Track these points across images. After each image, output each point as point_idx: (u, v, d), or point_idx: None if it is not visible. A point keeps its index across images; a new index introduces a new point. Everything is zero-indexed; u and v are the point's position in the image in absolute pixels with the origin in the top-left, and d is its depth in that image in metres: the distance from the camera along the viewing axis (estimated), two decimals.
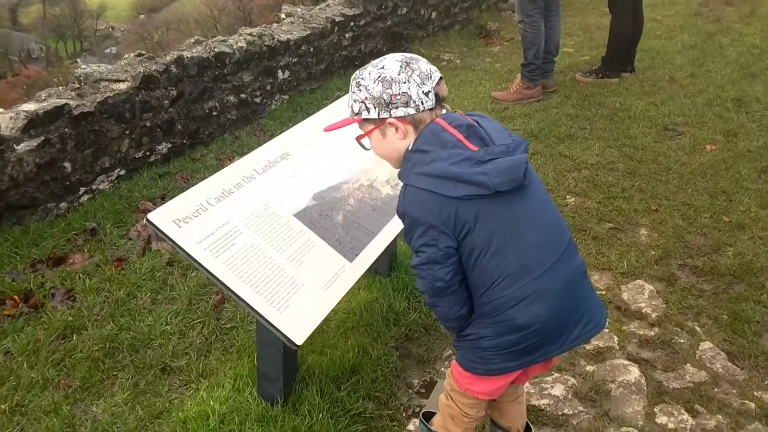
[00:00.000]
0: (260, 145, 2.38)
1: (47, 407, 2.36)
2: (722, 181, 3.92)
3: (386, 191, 2.49)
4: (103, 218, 3.52)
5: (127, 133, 3.88)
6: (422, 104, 1.65)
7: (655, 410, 2.38)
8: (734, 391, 2.47)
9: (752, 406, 2.38)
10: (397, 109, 1.65)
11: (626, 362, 2.60)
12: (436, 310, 1.76)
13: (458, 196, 1.57)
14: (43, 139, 3.35)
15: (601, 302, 1.80)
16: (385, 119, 1.67)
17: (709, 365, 2.59)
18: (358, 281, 2.25)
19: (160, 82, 4.03)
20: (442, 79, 1.70)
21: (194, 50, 4.42)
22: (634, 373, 2.54)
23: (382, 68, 1.66)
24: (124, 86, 3.83)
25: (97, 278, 3.06)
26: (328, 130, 1.89)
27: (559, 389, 2.47)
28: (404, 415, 2.38)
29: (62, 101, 3.47)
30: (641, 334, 2.76)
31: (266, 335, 2.06)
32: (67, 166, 3.53)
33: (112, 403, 2.39)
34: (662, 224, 3.52)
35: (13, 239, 3.23)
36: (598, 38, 6.83)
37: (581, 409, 2.39)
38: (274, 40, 4.98)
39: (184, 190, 2.05)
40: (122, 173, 3.91)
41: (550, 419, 2.35)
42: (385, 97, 1.64)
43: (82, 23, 57.51)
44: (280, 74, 5.13)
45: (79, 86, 3.79)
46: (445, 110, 1.72)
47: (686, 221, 3.54)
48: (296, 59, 5.29)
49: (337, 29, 5.76)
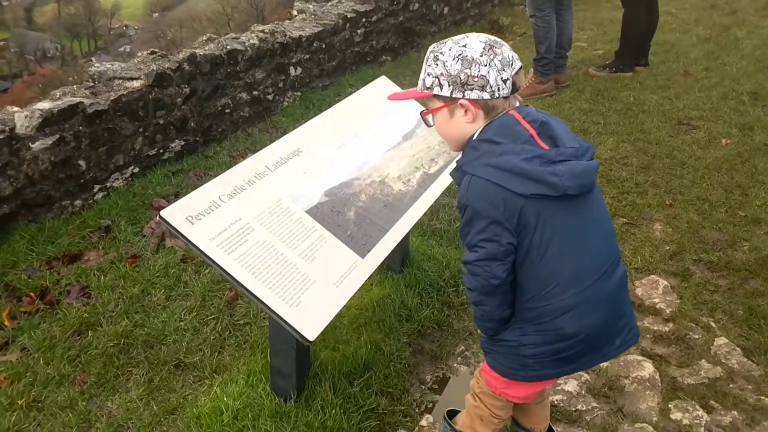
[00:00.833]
0: (273, 141, 2.39)
1: (63, 403, 2.38)
2: (738, 175, 3.88)
3: (398, 187, 2.49)
4: (117, 215, 3.55)
5: (140, 130, 3.91)
6: (498, 90, 1.58)
7: (669, 406, 2.37)
8: (750, 387, 2.45)
9: None
10: (472, 91, 1.58)
11: (640, 358, 2.59)
12: (480, 309, 1.69)
13: (526, 194, 1.51)
14: (57, 137, 3.38)
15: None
16: (456, 99, 1.61)
17: (724, 361, 2.57)
18: (370, 277, 2.25)
19: (173, 79, 4.05)
20: (522, 68, 1.63)
21: (207, 48, 4.44)
22: (648, 368, 2.53)
23: (464, 46, 1.59)
24: (137, 84, 3.85)
25: (111, 275, 3.08)
26: (393, 98, 1.85)
27: (572, 385, 2.46)
28: (417, 410, 2.39)
29: (76, 99, 3.50)
30: (655, 329, 2.75)
31: (279, 331, 2.07)
32: (81, 163, 3.56)
33: (126, 398, 2.41)
34: (677, 219, 3.49)
35: (29, 237, 3.26)
36: (611, 32, 6.78)
37: (595, 405, 2.38)
38: (286, 36, 4.99)
39: (197, 187, 2.06)
40: (136, 171, 3.93)
41: (563, 415, 2.34)
42: (462, 76, 1.58)
43: (96, 22, 57.96)
44: (292, 71, 5.14)
45: (93, 84, 3.82)
46: (518, 102, 1.67)
47: (701, 216, 3.51)
48: (308, 56, 5.29)
49: (349, 25, 5.75)
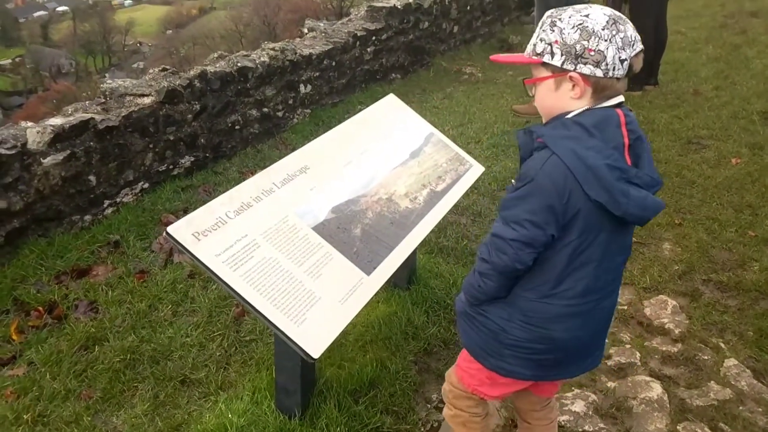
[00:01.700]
0: (282, 158, 2.40)
1: (69, 418, 2.38)
2: (748, 194, 3.86)
3: (405, 205, 2.49)
4: (126, 231, 3.57)
5: (150, 146, 3.94)
6: (613, 70, 1.47)
7: (678, 428, 2.34)
8: (760, 409, 2.41)
9: None
10: (585, 65, 1.47)
11: (648, 379, 2.56)
12: (483, 281, 1.64)
13: (592, 198, 1.45)
14: (68, 152, 3.41)
15: None
16: (566, 71, 1.50)
17: (733, 383, 2.54)
18: (376, 295, 2.25)
19: (183, 96, 4.09)
20: (642, 51, 1.51)
21: (217, 65, 4.48)
22: (656, 389, 2.50)
23: (586, 16, 1.48)
24: (148, 101, 3.89)
25: (119, 290, 3.09)
26: (495, 59, 1.74)
27: (579, 405, 2.43)
28: (422, 429, 2.37)
29: (88, 115, 3.54)
30: (664, 350, 2.72)
31: (284, 348, 2.07)
32: (92, 179, 3.59)
33: (132, 414, 2.41)
34: (686, 238, 3.47)
35: (38, 251, 3.28)
36: None
37: (602, 426, 2.35)
38: (296, 54, 5.03)
39: (206, 203, 2.07)
40: (146, 186, 3.96)
41: None
42: (578, 47, 1.46)
43: (111, 39, 58.66)
44: (302, 88, 5.18)
45: (104, 101, 3.86)
46: (624, 86, 1.55)
47: (710, 235, 3.49)
48: (318, 73, 5.33)
49: (359, 44, 5.80)
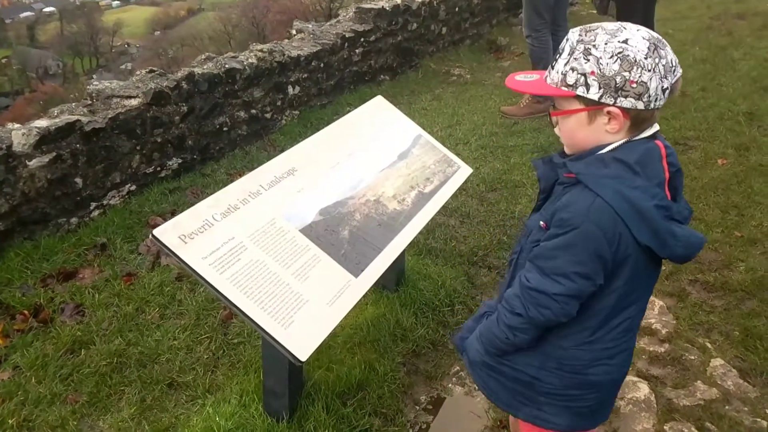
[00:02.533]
0: (270, 160, 2.39)
1: (54, 422, 2.37)
2: (734, 195, 3.89)
3: (393, 206, 2.49)
4: (113, 233, 3.55)
5: (138, 148, 3.92)
6: (655, 101, 1.34)
7: (665, 428, 2.35)
8: (746, 408, 2.43)
9: (764, 424, 2.35)
10: (626, 98, 1.33)
11: (636, 379, 2.57)
12: (514, 336, 1.50)
13: (642, 242, 1.34)
14: (54, 155, 3.38)
15: None
16: (604, 105, 1.35)
17: (720, 382, 2.56)
18: (365, 297, 2.24)
19: (171, 98, 4.07)
20: (681, 75, 1.38)
21: (205, 66, 4.46)
22: (643, 390, 2.52)
23: (625, 42, 1.32)
24: (135, 102, 3.87)
25: (106, 293, 3.07)
26: (512, 87, 1.51)
27: None
28: (411, 431, 2.37)
29: (74, 117, 3.52)
30: (651, 350, 2.73)
31: (272, 351, 2.06)
32: (78, 181, 3.57)
33: (118, 418, 2.39)
34: None
35: (24, 254, 3.26)
36: None
37: None
38: (284, 56, 5.02)
39: (194, 205, 2.06)
40: (133, 188, 3.94)
41: None
42: (618, 79, 1.31)
43: (98, 40, 58.35)
44: (290, 90, 5.17)
45: (91, 102, 3.84)
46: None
47: None
48: (306, 75, 5.32)
49: (347, 45, 5.79)
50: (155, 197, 3.95)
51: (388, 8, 6.25)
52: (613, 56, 1.32)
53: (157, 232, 1.86)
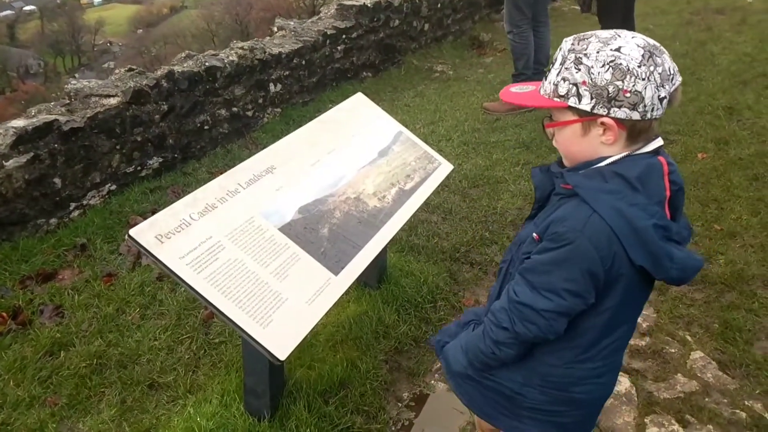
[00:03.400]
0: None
1: (33, 425, 2.34)
2: (713, 189, 3.92)
3: (373, 204, 2.48)
4: (93, 233, 3.52)
5: (117, 148, 3.88)
6: (652, 111, 1.29)
7: (645, 421, 2.37)
8: (725, 400, 2.45)
9: (743, 415, 2.37)
10: (620, 109, 1.28)
11: None
12: (500, 350, 1.47)
13: (637, 264, 1.31)
14: (32, 155, 3.34)
15: None
16: (598, 116, 1.31)
17: (700, 375, 2.58)
18: (347, 294, 2.24)
19: (150, 96, 4.03)
20: (681, 83, 1.33)
21: (185, 65, 4.43)
22: (624, 383, 2.53)
23: (617, 50, 1.28)
24: (114, 101, 3.83)
25: (86, 294, 3.04)
26: (506, 100, 1.49)
27: None
28: (393, 428, 2.37)
29: (52, 117, 3.48)
30: (632, 344, 2.75)
31: (252, 350, 2.05)
32: (57, 181, 3.53)
33: (98, 420, 2.37)
34: None
35: (2, 256, 3.22)
36: None
37: None
38: (265, 53, 4.99)
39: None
40: (113, 188, 3.90)
41: None
42: (610, 89, 1.27)
43: (80, 39, 57.78)
44: (272, 87, 5.14)
45: (69, 102, 3.80)
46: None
47: None
48: (288, 72, 5.30)
49: (329, 42, 5.78)
50: (136, 197, 3.91)
51: (369, 5, 6.24)
52: (604, 65, 1.28)
53: (133, 232, 1.84)
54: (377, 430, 2.34)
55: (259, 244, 2.05)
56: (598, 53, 1.29)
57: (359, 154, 2.65)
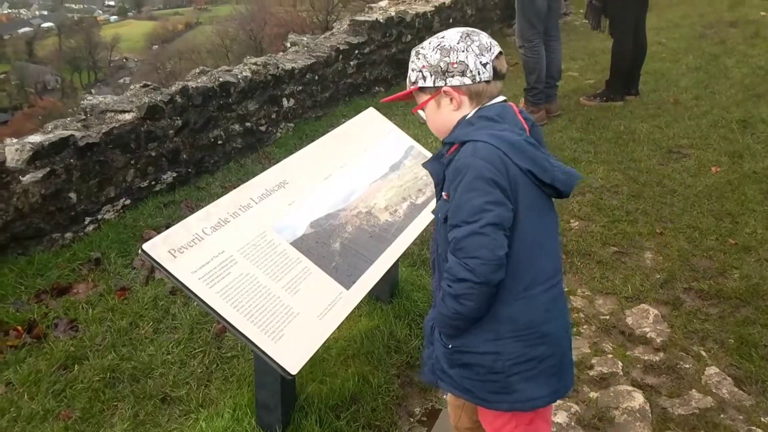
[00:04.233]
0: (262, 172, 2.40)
1: None
2: (728, 203, 3.89)
3: (384, 218, 2.49)
4: (107, 248, 3.55)
5: (132, 162, 3.93)
6: (479, 75, 1.60)
7: None
8: (741, 417, 2.42)
9: None
10: (453, 77, 1.60)
11: (630, 388, 2.56)
12: (461, 305, 1.53)
13: (523, 167, 1.52)
14: (48, 170, 3.39)
15: None
16: (440, 88, 1.63)
17: (715, 391, 2.55)
18: (358, 308, 2.25)
19: (165, 112, 4.08)
20: (502, 54, 1.64)
21: (199, 80, 4.48)
22: (638, 399, 2.51)
23: (442, 38, 1.63)
24: (129, 117, 3.88)
25: (100, 308, 3.07)
26: (385, 101, 1.93)
27: (562, 416, 2.43)
28: None
29: (68, 132, 3.52)
30: (646, 359, 2.73)
31: (263, 364, 2.05)
32: (72, 196, 3.57)
33: None
34: (667, 247, 3.49)
35: (18, 270, 3.25)
36: (602, 62, 6.84)
37: None
38: (278, 68, 5.04)
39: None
40: (127, 203, 3.94)
41: None
42: (442, 65, 1.60)
43: (96, 55, 58.44)
44: (285, 102, 5.18)
45: (85, 117, 3.84)
46: (501, 90, 1.67)
47: (691, 244, 3.51)
48: (301, 87, 5.34)
49: (341, 57, 5.82)
50: (150, 211, 3.95)
51: (382, 20, 6.28)
52: (434, 49, 1.62)
53: (146, 246, 1.86)
54: None
55: (271, 258, 2.06)
56: (429, 44, 1.65)
57: (371, 168, 2.67)
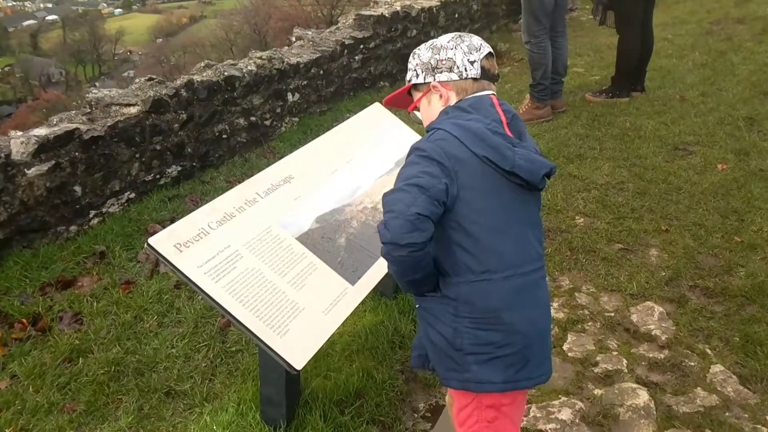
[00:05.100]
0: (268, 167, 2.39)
1: (52, 431, 2.36)
2: (734, 200, 3.88)
3: None
4: (112, 241, 3.55)
5: (137, 156, 3.92)
6: (465, 71, 1.68)
7: None
8: (746, 415, 2.41)
9: (764, 430, 2.33)
10: (441, 73, 1.69)
11: (635, 386, 2.56)
12: (390, 268, 1.58)
13: (479, 154, 1.56)
14: (53, 163, 3.39)
15: None
16: (429, 84, 1.71)
17: (720, 389, 2.54)
18: (362, 304, 2.24)
19: (170, 105, 4.07)
20: (493, 55, 1.73)
21: (204, 74, 4.47)
22: (643, 396, 2.50)
23: (435, 39, 1.75)
24: (134, 110, 3.87)
25: (104, 301, 3.07)
26: (386, 101, 1.95)
27: (566, 413, 2.43)
28: None
29: (73, 126, 3.52)
30: (651, 356, 2.72)
31: (268, 359, 2.05)
32: (77, 189, 3.57)
33: (116, 427, 2.38)
34: (672, 245, 3.48)
35: (23, 263, 3.26)
36: (608, 58, 6.82)
37: None
38: (284, 63, 5.03)
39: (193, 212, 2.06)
40: (132, 196, 3.94)
41: None
42: (432, 62, 1.70)
43: (100, 48, 58.44)
44: (290, 97, 5.17)
45: (90, 111, 3.84)
46: (494, 90, 1.74)
47: (697, 241, 3.50)
48: (306, 82, 5.33)
49: (346, 52, 5.81)
50: (154, 205, 3.95)
51: (387, 15, 6.26)
52: (426, 48, 1.74)
53: (152, 240, 1.85)
54: None
55: (276, 253, 2.06)
56: (425, 45, 1.76)
57: (376, 163, 2.66)
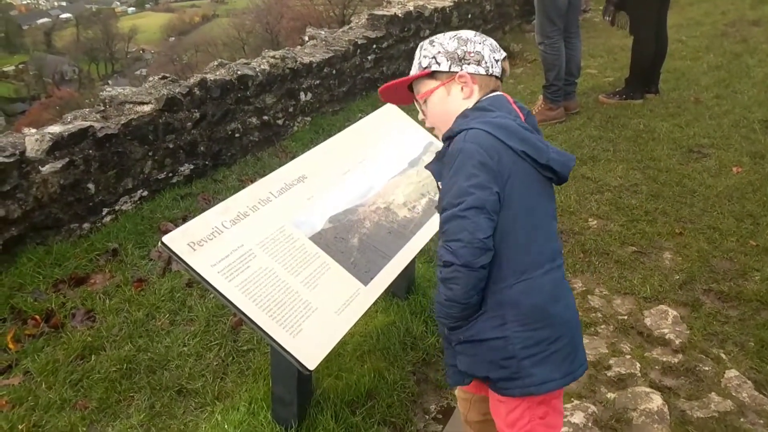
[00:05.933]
0: (282, 166, 2.39)
1: (64, 428, 2.37)
2: (749, 204, 3.84)
3: (403, 214, 2.48)
4: (125, 239, 3.56)
5: (150, 154, 3.93)
6: (492, 68, 1.67)
7: None
8: (761, 421, 2.39)
9: None
10: (469, 65, 1.66)
11: (649, 390, 2.54)
12: (449, 290, 1.51)
13: (518, 149, 1.54)
14: (67, 160, 3.40)
15: None
16: (455, 73, 1.66)
17: (734, 394, 2.52)
18: (375, 304, 2.23)
19: (183, 104, 4.08)
20: (507, 58, 1.73)
21: (217, 73, 4.48)
22: (656, 401, 2.48)
23: (457, 31, 1.72)
24: (147, 108, 3.88)
25: (117, 299, 3.08)
26: (383, 89, 1.84)
27: (578, 417, 2.41)
28: None
29: (87, 123, 3.53)
30: (664, 360, 2.70)
31: (280, 359, 2.05)
32: (90, 187, 3.58)
33: (127, 424, 2.39)
34: (687, 248, 3.45)
35: (36, 259, 3.27)
36: (622, 59, 6.78)
37: None
38: (296, 62, 5.03)
39: (205, 211, 2.06)
40: (145, 194, 3.95)
41: None
42: (459, 52, 1.66)
43: (113, 46, 58.81)
44: (302, 96, 5.17)
45: (104, 108, 3.85)
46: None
47: (711, 245, 3.47)
48: (319, 81, 5.33)
49: (359, 51, 5.80)
50: (167, 203, 3.96)
51: (400, 15, 6.26)
52: (451, 38, 1.68)
53: (166, 239, 1.86)
54: None
55: (289, 253, 2.05)
56: (444, 35, 1.70)
57: (389, 164, 2.65)
